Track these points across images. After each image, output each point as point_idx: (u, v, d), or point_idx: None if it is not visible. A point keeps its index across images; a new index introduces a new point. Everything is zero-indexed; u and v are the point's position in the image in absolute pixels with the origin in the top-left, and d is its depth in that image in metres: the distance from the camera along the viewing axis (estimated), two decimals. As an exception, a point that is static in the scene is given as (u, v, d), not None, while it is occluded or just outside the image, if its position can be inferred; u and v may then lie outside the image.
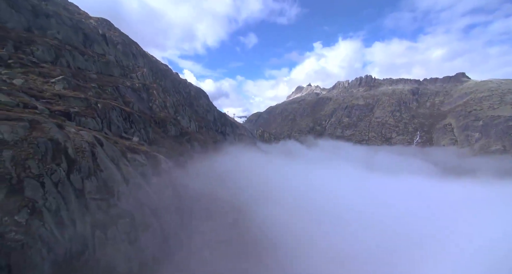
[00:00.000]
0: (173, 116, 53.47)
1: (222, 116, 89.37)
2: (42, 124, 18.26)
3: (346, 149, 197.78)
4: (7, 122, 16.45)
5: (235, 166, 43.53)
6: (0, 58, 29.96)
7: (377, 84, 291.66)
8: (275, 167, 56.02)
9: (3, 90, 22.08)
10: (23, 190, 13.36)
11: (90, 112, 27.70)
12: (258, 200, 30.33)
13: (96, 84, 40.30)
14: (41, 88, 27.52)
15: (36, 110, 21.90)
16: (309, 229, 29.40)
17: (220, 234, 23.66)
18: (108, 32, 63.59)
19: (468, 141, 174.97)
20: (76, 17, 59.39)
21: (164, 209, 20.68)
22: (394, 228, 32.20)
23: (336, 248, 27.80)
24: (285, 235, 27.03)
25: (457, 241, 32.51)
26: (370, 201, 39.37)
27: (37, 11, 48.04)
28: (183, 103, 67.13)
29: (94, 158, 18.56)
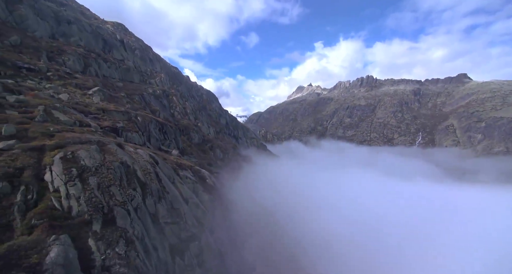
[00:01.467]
0: (194, 123, 53.50)
1: (233, 119, 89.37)
2: (108, 146, 18.33)
3: (350, 150, 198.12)
4: (81, 146, 16.51)
5: (265, 175, 43.56)
6: (40, 71, 29.92)
7: (379, 84, 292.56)
8: (301, 174, 56.21)
9: (57, 108, 22.11)
10: (115, 219, 13.45)
11: (132, 126, 27.76)
12: (297, 211, 30.45)
13: (124, 93, 40.30)
14: (85, 102, 27.53)
15: (91, 128, 21.97)
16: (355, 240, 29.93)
17: (266, 249, 23.87)
18: (124, 36, 63.40)
19: (470, 142, 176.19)
20: (94, 22, 59.18)
21: (218, 227, 20.75)
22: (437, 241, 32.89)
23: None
24: (337, 245, 27.60)
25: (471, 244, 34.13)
26: (403, 210, 39.97)
27: (59, 18, 47.85)
28: (199, 108, 67.10)
29: (159, 180, 18.66)
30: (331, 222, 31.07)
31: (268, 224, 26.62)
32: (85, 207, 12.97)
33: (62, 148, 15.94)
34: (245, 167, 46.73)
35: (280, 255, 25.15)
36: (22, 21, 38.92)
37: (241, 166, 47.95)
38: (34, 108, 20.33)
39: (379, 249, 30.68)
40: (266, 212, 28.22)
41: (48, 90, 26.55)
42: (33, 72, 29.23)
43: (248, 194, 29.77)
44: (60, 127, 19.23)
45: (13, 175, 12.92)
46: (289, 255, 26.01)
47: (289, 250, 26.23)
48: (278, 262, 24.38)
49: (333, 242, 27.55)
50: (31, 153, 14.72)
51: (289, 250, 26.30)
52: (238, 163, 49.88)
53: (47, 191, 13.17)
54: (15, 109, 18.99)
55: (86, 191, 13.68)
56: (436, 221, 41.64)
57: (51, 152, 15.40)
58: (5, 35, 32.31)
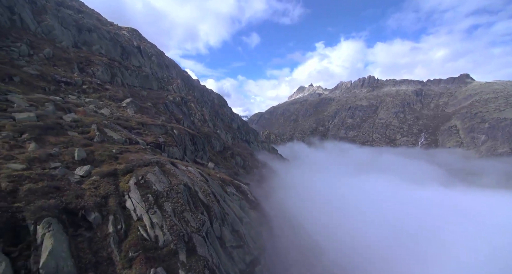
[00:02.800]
0: (213, 130, 53.64)
1: (244, 123, 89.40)
2: (166, 166, 18.49)
3: (353, 151, 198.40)
4: (146, 169, 16.68)
5: (289, 185, 43.62)
6: (76, 84, 30.03)
7: (380, 85, 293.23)
8: (325, 180, 56.61)
9: (107, 125, 22.28)
10: (195, 247, 13.59)
11: (171, 140, 27.90)
12: (332, 225, 30.63)
13: (150, 103, 40.44)
14: (124, 116, 27.67)
15: (140, 145, 22.14)
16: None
17: (312, 269, 23.99)
18: (140, 43, 63.43)
19: (474, 143, 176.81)
20: (110, 29, 59.20)
21: (270, 247, 20.86)
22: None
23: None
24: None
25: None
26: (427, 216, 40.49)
27: (80, 26, 47.89)
28: (214, 114, 67.21)
29: (217, 200, 18.77)
30: (371, 236, 31.36)
31: (306, 240, 26.77)
32: (169, 236, 13.16)
33: (131, 172, 16.13)
34: (267, 176, 46.80)
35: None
36: (49, 31, 38.98)
37: (262, 174, 48.02)
38: (88, 127, 20.48)
39: (409, 255, 31.20)
40: (303, 228, 28.32)
41: (89, 104, 26.69)
42: (70, 85, 29.34)
43: (282, 208, 29.84)
44: (118, 146, 19.41)
45: (101, 204, 13.13)
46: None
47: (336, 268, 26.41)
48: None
49: (375, 260, 27.77)
50: (108, 179, 14.91)
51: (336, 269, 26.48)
52: (258, 170, 50.00)
53: (132, 219, 13.36)
54: (74, 130, 19.15)
55: (166, 219, 13.88)
56: (456, 228, 42.09)
57: (123, 177, 15.59)
58: (39, 48, 32.38)
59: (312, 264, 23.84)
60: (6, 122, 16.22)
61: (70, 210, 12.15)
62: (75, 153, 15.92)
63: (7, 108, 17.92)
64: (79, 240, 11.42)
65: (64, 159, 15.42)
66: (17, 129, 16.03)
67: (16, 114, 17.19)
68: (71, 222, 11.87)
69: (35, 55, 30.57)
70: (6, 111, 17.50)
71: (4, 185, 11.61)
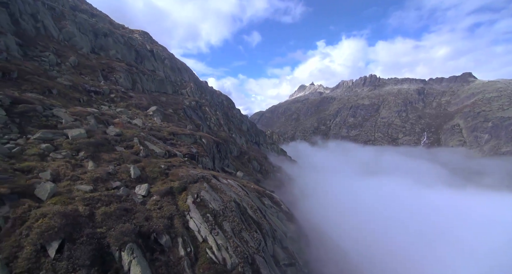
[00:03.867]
0: (229, 134, 53.71)
1: (253, 125, 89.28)
2: (211, 181, 18.60)
3: (356, 150, 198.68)
4: (197, 186, 16.79)
5: (311, 190, 43.71)
6: (104, 93, 30.07)
7: (382, 83, 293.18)
8: (340, 184, 56.81)
9: (145, 138, 22.38)
10: (259, 269, 13.60)
11: (202, 150, 28.00)
12: (357, 231, 30.80)
13: (171, 109, 40.50)
14: (154, 126, 27.74)
15: (179, 158, 22.25)
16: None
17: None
18: (152, 46, 63.32)
19: (477, 143, 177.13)
20: (123, 33, 59.06)
21: (314, 261, 20.97)
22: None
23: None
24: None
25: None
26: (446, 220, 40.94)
27: (96, 31, 47.79)
28: (226, 117, 67.23)
29: (263, 215, 18.87)
30: (402, 245, 31.60)
31: (338, 252, 26.85)
32: (235, 258, 13.30)
33: (185, 189, 16.27)
34: (285, 182, 46.69)
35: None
36: (70, 38, 38.92)
37: (279, 179, 47.95)
38: (131, 140, 20.58)
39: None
40: (331, 239, 28.37)
41: (121, 115, 26.77)
42: (99, 95, 29.39)
43: (310, 218, 29.81)
44: (162, 161, 19.54)
45: (169, 226, 13.26)
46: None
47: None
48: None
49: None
50: (167, 198, 15.04)
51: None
52: (274, 175, 50.07)
53: (197, 241, 13.49)
54: (120, 145, 19.25)
55: (229, 240, 14.02)
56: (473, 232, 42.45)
57: (180, 195, 15.73)
58: (64, 56, 32.36)
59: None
60: (62, 140, 16.30)
61: (143, 233, 12.30)
62: (131, 171, 16.04)
63: (57, 125, 17.99)
64: (157, 265, 11.57)
65: (122, 178, 15.54)
66: (73, 147, 16.12)
67: (68, 131, 17.25)
68: (145, 246, 12.03)
69: (62, 64, 30.55)
70: (57, 128, 17.57)
71: (81, 209, 11.75)
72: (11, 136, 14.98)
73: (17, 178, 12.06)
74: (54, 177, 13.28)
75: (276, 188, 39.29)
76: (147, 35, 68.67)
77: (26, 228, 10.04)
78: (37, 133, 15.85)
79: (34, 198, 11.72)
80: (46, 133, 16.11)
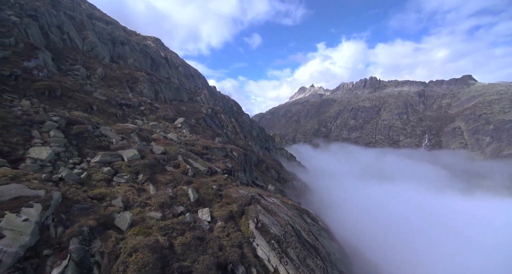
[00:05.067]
0: (246, 142, 53.64)
1: (262, 130, 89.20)
2: (261, 202, 18.59)
3: (359, 153, 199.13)
4: (252, 209, 16.79)
5: (330, 200, 43.34)
6: (134, 106, 30.05)
7: (382, 86, 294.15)
8: (357, 191, 56.90)
9: (186, 154, 22.38)
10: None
11: (235, 164, 28.00)
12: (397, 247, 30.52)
13: (194, 119, 40.47)
14: (189, 140, 27.70)
15: (219, 175, 22.24)
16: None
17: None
18: (165, 53, 63.31)
19: (478, 145, 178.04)
20: (137, 40, 59.02)
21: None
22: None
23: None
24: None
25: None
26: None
27: (114, 40, 47.77)
28: (239, 123, 67.15)
29: (316, 238, 18.83)
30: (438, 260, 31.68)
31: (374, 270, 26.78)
32: (308, 288, 13.34)
33: (243, 213, 16.30)
34: (303, 191, 46.24)
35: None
36: (92, 48, 38.85)
37: (296, 188, 47.68)
38: (176, 158, 20.59)
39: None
40: (362, 254, 28.30)
41: (156, 129, 26.76)
42: (130, 108, 29.38)
43: (342, 235, 29.70)
44: (210, 180, 19.55)
45: (241, 256, 13.27)
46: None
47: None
48: None
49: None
50: (230, 223, 15.06)
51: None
52: (291, 184, 49.90)
53: (269, 271, 13.47)
54: (168, 164, 19.28)
55: (298, 269, 13.98)
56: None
57: (240, 219, 15.77)
58: (92, 68, 32.31)
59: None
60: (120, 163, 16.31)
61: (221, 264, 12.32)
62: (189, 194, 16.09)
63: (109, 145, 17.99)
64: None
65: (183, 201, 15.58)
66: (132, 170, 16.13)
67: (122, 152, 17.26)
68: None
69: (91, 76, 30.52)
70: (110, 149, 17.57)
71: (162, 240, 11.78)
72: (74, 160, 15.00)
73: (96, 207, 12.08)
74: (125, 204, 13.32)
75: (297, 198, 39.25)
76: (159, 42, 68.64)
77: (121, 263, 10.07)
78: (97, 157, 15.86)
79: (115, 229, 11.76)
80: (105, 156, 16.11)
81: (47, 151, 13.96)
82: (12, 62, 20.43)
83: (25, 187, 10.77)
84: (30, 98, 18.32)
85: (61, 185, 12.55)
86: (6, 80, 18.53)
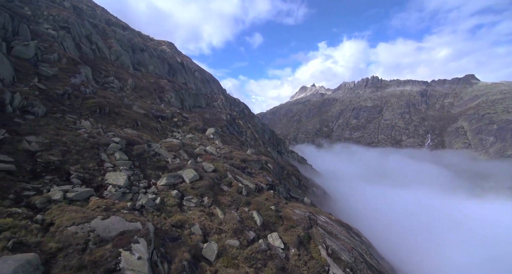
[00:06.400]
0: (265, 148, 53.58)
1: (272, 133, 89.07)
2: (318, 222, 18.62)
3: (362, 153, 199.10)
4: (317, 233, 16.81)
5: (353, 207, 43.16)
6: (167, 117, 29.94)
7: (384, 85, 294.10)
8: (377, 196, 56.92)
9: (234, 171, 22.33)
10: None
11: (273, 177, 27.95)
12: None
13: (219, 127, 40.37)
14: (226, 153, 27.56)
15: (270, 193, 22.19)
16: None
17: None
18: (181, 57, 63.13)
19: (482, 145, 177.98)
20: (153, 45, 58.81)
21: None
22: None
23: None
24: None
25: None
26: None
27: (133, 46, 47.59)
28: (256, 129, 66.98)
29: (376, 261, 18.80)
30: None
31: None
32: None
33: (310, 237, 16.27)
34: (325, 199, 46.02)
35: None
36: (117, 57, 38.71)
37: (317, 195, 47.49)
38: (226, 176, 20.48)
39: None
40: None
41: (194, 142, 26.68)
42: (165, 119, 29.28)
43: (377, 245, 29.62)
44: (263, 198, 19.54)
45: (323, 283, 13.28)
46: None
47: None
48: None
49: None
50: (302, 250, 15.03)
51: None
52: (311, 190, 49.72)
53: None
54: (223, 184, 19.21)
55: (373, 292, 14.07)
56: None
57: (308, 244, 15.76)
58: (122, 79, 32.19)
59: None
60: (185, 185, 16.30)
61: (308, 295, 12.30)
62: (254, 217, 16.11)
63: (166, 165, 17.96)
64: None
65: (251, 225, 15.56)
66: (197, 192, 16.12)
67: (182, 173, 17.24)
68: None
69: (124, 87, 30.42)
70: (168, 169, 17.55)
71: (251, 272, 11.74)
72: (143, 184, 15.02)
73: (183, 237, 12.08)
74: (203, 231, 13.34)
75: (320, 207, 39.08)
76: (173, 46, 68.42)
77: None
78: (162, 179, 15.88)
79: (204, 260, 11.79)
80: (169, 178, 16.11)
81: (122, 176, 13.97)
82: (61, 80, 20.33)
83: (123, 219, 10.76)
84: (87, 118, 18.29)
85: (145, 213, 12.57)
86: (61, 100, 18.44)
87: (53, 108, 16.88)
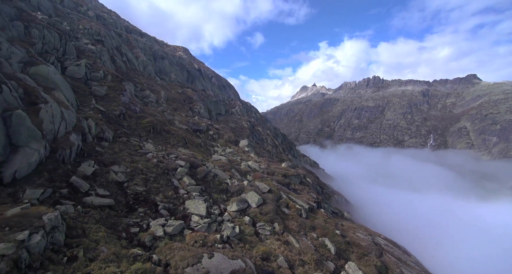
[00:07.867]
0: (286, 155, 53.38)
1: (284, 137, 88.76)
2: (383, 246, 18.48)
3: (366, 154, 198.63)
4: (390, 262, 16.67)
5: (374, 215, 42.82)
6: (203, 130, 29.68)
7: (386, 85, 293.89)
8: (398, 202, 56.76)
9: (285, 191, 22.14)
10: None
11: (318, 195, 27.75)
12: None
13: (246, 137, 40.13)
14: (267, 168, 27.34)
15: (323, 212, 22.03)
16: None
17: None
18: (198, 64, 62.78)
19: (485, 145, 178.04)
20: (170, 51, 58.44)
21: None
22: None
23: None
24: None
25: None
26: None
27: (154, 54, 47.25)
28: (272, 135, 66.68)
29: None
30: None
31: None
32: None
33: (387, 267, 16.09)
34: (346, 207, 45.52)
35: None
36: (145, 67, 38.40)
37: (339, 202, 46.82)
38: (280, 197, 20.26)
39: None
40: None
41: (235, 157, 26.44)
42: (202, 133, 29.04)
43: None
44: (322, 221, 19.37)
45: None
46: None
47: None
48: None
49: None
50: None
51: None
52: (333, 198, 49.25)
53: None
54: (282, 205, 19.01)
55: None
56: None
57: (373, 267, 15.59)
58: (155, 91, 31.87)
59: None
60: (254, 211, 16.16)
61: None
62: (327, 245, 15.98)
63: (227, 188, 17.79)
64: None
65: (326, 254, 15.42)
66: (266, 219, 16.00)
67: (246, 197, 17.09)
68: None
69: (159, 101, 30.15)
70: (230, 191, 17.44)
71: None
72: (216, 210, 14.87)
73: (276, 272, 11.89)
74: (288, 263, 13.16)
75: (354, 219, 38.70)
76: (187, 51, 68.12)
77: None
78: (232, 205, 15.77)
79: (302, 297, 11.54)
80: (239, 204, 15.97)
81: (201, 205, 14.00)
82: (113, 99, 20.11)
83: (225, 257, 10.81)
84: (146, 138, 18.13)
85: (233, 245, 12.51)
86: (119, 121, 18.23)
87: (117, 132, 16.67)
